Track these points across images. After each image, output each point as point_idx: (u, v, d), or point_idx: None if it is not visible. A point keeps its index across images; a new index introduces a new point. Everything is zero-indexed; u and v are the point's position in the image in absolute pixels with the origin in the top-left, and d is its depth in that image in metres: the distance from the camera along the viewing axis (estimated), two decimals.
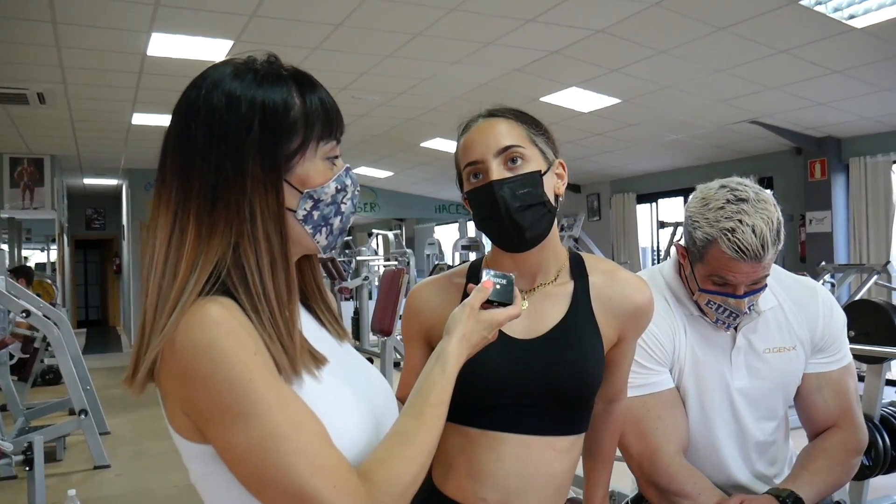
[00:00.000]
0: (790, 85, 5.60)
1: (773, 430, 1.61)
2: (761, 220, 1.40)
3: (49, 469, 4.29)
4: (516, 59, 5.37)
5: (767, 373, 1.57)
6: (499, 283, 1.02)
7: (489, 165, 1.15)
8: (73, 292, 14.19)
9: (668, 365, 1.56)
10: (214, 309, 0.79)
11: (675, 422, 1.53)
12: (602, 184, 10.32)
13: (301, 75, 0.92)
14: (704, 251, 1.46)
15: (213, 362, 0.77)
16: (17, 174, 9.17)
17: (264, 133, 0.85)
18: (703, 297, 1.51)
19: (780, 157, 7.52)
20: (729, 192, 1.45)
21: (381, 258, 11.16)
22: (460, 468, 1.19)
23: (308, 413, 0.81)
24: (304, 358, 0.86)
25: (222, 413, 0.77)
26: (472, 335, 0.98)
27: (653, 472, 1.50)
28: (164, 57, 5.24)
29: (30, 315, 4.60)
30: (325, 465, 0.78)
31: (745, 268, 1.41)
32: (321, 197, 0.89)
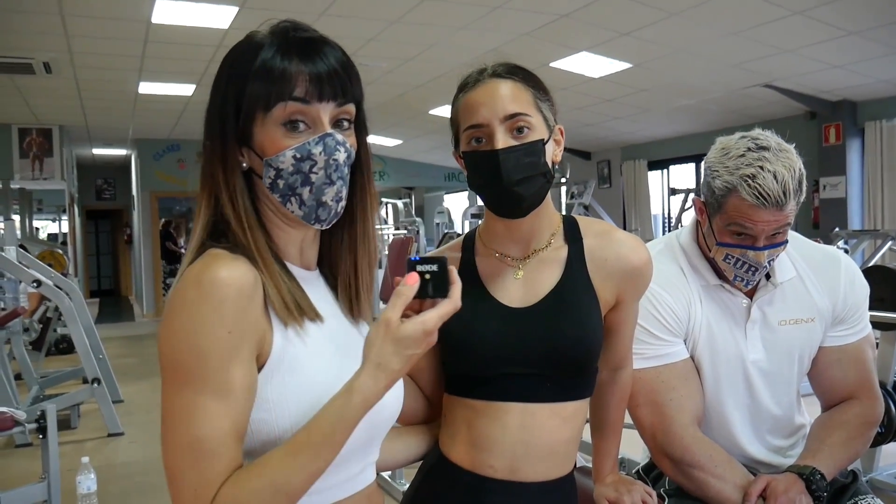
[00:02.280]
0: (805, 47, 5.49)
1: (788, 404, 1.58)
2: (783, 166, 1.36)
3: (63, 437, 4.35)
4: (525, 23, 5.28)
5: (783, 345, 1.53)
6: (428, 271, 0.86)
7: (494, 131, 1.12)
8: (86, 262, 14.29)
9: (683, 336, 1.52)
10: (224, 269, 0.83)
11: (690, 393, 1.50)
12: (613, 150, 10.22)
13: (275, 36, 0.91)
14: (724, 200, 1.41)
15: (188, 322, 0.81)
16: (27, 144, 9.18)
17: (221, 106, 0.90)
18: (720, 251, 1.45)
19: (793, 122, 7.40)
20: (750, 141, 1.41)
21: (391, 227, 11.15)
22: (467, 438, 1.19)
23: (236, 411, 0.82)
24: (293, 305, 0.89)
25: (170, 367, 0.82)
26: (389, 361, 0.83)
27: (666, 443, 1.48)
28: (169, 24, 5.19)
29: (41, 285, 4.62)
30: (205, 467, 0.80)
31: (766, 215, 1.36)
32: (278, 166, 0.89)
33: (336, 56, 0.91)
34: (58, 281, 5.10)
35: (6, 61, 5.99)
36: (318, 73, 0.88)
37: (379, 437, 1.00)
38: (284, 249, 0.96)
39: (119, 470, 4.16)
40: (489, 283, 1.22)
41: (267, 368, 0.86)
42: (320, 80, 0.88)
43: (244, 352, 0.83)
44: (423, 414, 1.31)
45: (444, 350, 1.22)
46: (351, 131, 0.94)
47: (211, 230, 0.91)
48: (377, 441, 1.00)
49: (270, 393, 0.85)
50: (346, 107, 0.92)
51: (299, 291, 0.92)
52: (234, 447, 0.82)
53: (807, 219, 7.33)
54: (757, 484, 1.41)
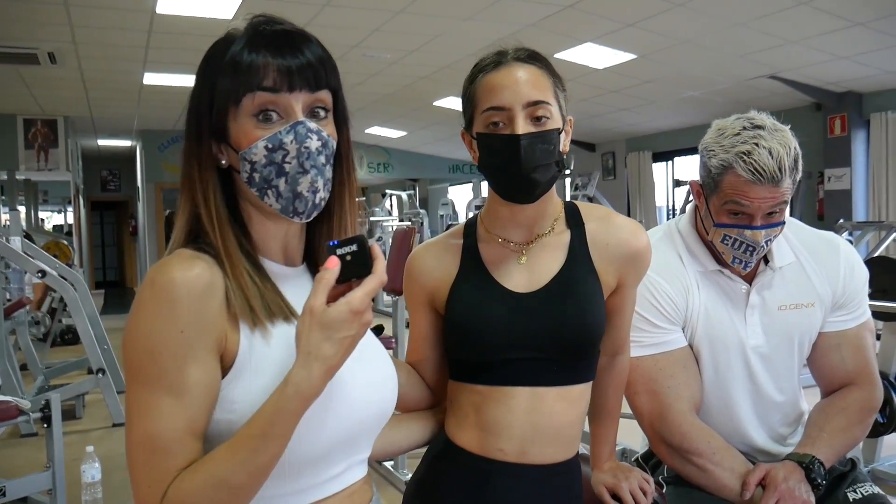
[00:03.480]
0: (810, 38, 5.46)
1: (790, 390, 1.58)
2: (778, 143, 1.37)
3: (68, 426, 4.37)
4: (530, 13, 5.26)
5: (783, 331, 1.53)
6: (347, 253, 0.83)
7: (515, 116, 1.12)
8: (91, 253, 14.32)
9: (681, 323, 1.53)
10: (178, 270, 0.84)
11: (688, 381, 1.51)
12: (617, 142, 10.20)
13: (246, 31, 0.90)
14: (720, 178, 1.41)
15: (143, 322, 0.82)
16: (31, 135, 9.19)
17: (197, 103, 0.91)
18: (718, 232, 1.45)
19: (799, 113, 7.37)
20: (745, 121, 1.42)
21: (395, 218, 11.14)
22: (475, 423, 1.20)
23: (191, 409, 0.82)
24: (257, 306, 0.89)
25: (129, 366, 0.84)
26: (320, 348, 0.79)
27: (664, 430, 1.48)
28: (173, 14, 5.18)
29: (46, 275, 4.64)
30: (158, 463, 0.81)
31: (762, 192, 1.37)
32: (252, 158, 0.88)
33: (309, 47, 0.90)
34: (63, 271, 5.12)
35: (11, 51, 5.99)
36: (288, 63, 0.87)
37: (365, 435, 0.98)
38: (265, 246, 0.95)
39: (123, 460, 4.14)
40: (493, 268, 1.22)
41: (234, 370, 0.86)
42: (290, 70, 0.87)
43: (200, 351, 0.83)
44: (425, 401, 1.32)
45: (449, 336, 1.23)
46: (328, 120, 0.93)
47: (189, 230, 0.91)
48: (363, 440, 0.98)
49: (236, 394, 0.85)
50: (320, 93, 0.90)
51: (271, 292, 0.91)
52: (190, 444, 0.82)
53: (811, 210, 7.31)
54: (756, 472, 1.41)
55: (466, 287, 1.22)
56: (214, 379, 0.84)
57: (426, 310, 1.28)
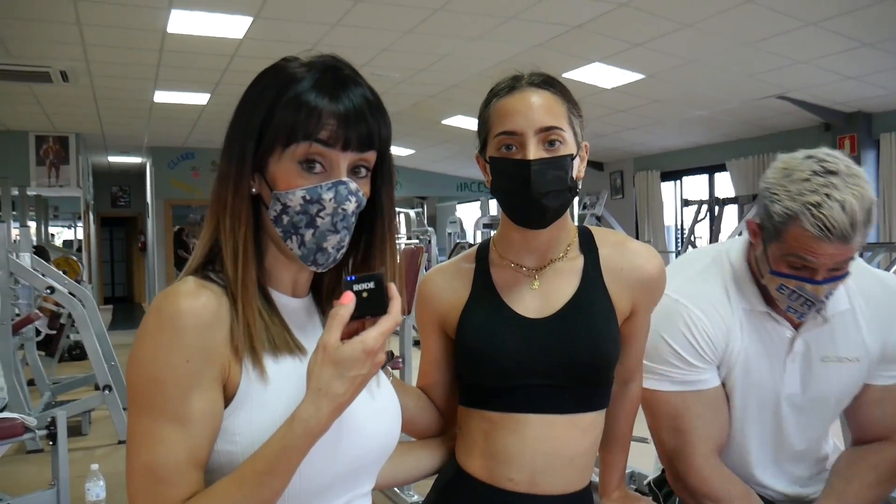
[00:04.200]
0: (819, 58, 5.45)
1: (815, 439, 1.50)
2: (852, 195, 1.21)
3: (74, 443, 4.37)
4: (538, 34, 5.28)
5: (823, 384, 1.43)
6: (364, 289, 0.82)
7: (527, 141, 1.11)
8: (100, 269, 14.38)
9: (717, 362, 1.42)
10: (185, 299, 0.83)
11: (715, 422, 1.43)
12: (625, 161, 10.19)
13: (313, 69, 0.89)
14: (783, 228, 1.27)
15: (148, 350, 0.82)
16: (43, 152, 9.27)
17: (242, 134, 0.89)
18: (774, 280, 1.33)
19: (808, 134, 7.35)
20: (816, 163, 1.26)
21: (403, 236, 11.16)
22: (485, 451, 1.18)
23: (193, 439, 0.81)
24: (262, 340, 0.88)
25: (132, 393, 0.83)
26: (330, 385, 0.79)
27: (685, 471, 1.42)
28: (183, 34, 5.23)
29: (54, 291, 4.65)
30: (159, 493, 0.80)
31: (830, 249, 1.22)
32: (287, 202, 0.87)
33: (369, 104, 0.89)
34: (71, 288, 5.14)
35: (24, 69, 6.06)
36: (347, 117, 0.86)
37: (366, 469, 0.97)
38: (276, 277, 0.95)
39: None
40: (505, 293, 1.21)
41: (235, 401, 0.85)
42: (347, 127, 0.86)
43: (204, 380, 0.82)
44: (435, 426, 1.30)
45: (460, 362, 1.22)
46: (367, 179, 0.92)
47: (209, 255, 0.90)
48: (365, 474, 0.97)
49: (236, 425, 0.84)
50: (367, 154, 0.90)
51: (278, 327, 0.90)
52: (191, 475, 0.81)
53: None
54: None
55: (477, 312, 1.21)
56: (218, 409, 0.84)
57: (437, 334, 1.27)
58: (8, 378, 3.80)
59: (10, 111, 8.00)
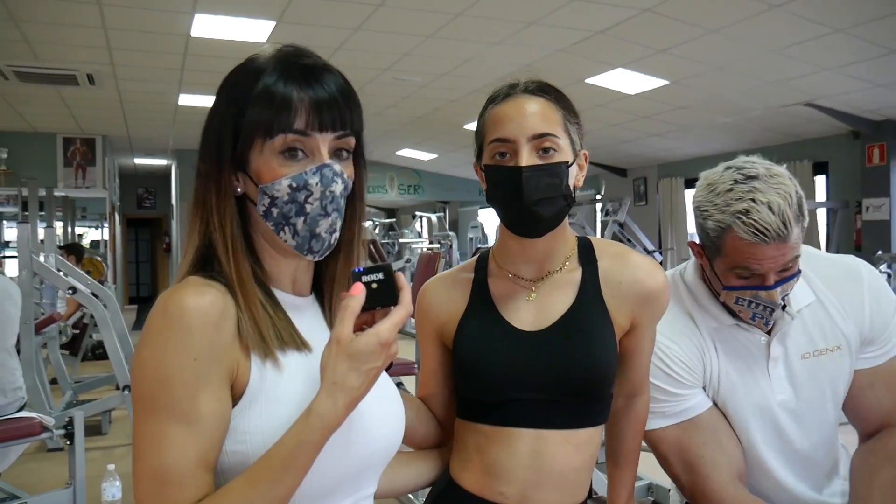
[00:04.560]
0: (847, 65, 5.36)
1: (824, 441, 1.45)
2: (777, 195, 1.22)
3: (93, 442, 4.41)
4: (560, 39, 5.25)
5: (811, 381, 1.40)
6: (374, 280, 0.82)
7: (519, 148, 1.10)
8: (125, 269, 14.54)
9: (700, 384, 1.41)
10: (191, 297, 0.81)
11: (722, 446, 1.39)
12: (649, 168, 10.10)
13: (277, 61, 0.89)
14: (720, 242, 1.28)
15: (154, 350, 0.80)
16: (71, 154, 9.42)
17: (219, 128, 0.89)
18: (730, 295, 1.33)
19: (836, 142, 7.24)
20: (735, 172, 1.28)
21: (425, 241, 11.16)
22: (477, 464, 1.16)
23: (203, 440, 0.80)
24: (269, 335, 0.87)
25: (138, 395, 0.81)
26: (346, 378, 0.78)
27: (706, 502, 1.38)
28: (207, 38, 5.28)
29: (76, 292, 4.70)
30: (169, 495, 0.79)
31: (770, 251, 1.23)
32: (274, 194, 0.86)
33: (338, 85, 0.89)
34: (94, 288, 5.19)
35: (52, 72, 6.15)
36: (319, 102, 0.86)
37: (372, 470, 0.96)
38: (275, 276, 0.94)
39: None
40: (501, 305, 1.19)
41: (244, 399, 0.84)
42: (320, 110, 0.86)
43: (213, 379, 0.81)
44: (434, 437, 1.28)
45: (456, 374, 1.20)
46: (349, 162, 0.92)
47: (200, 257, 0.90)
48: (371, 474, 0.96)
49: (247, 424, 0.83)
50: (347, 139, 0.90)
51: (283, 322, 0.90)
52: (201, 476, 0.80)
53: (849, 241, 7.15)
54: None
55: (473, 323, 1.19)
56: (226, 408, 0.82)
57: (435, 344, 1.25)
58: (29, 377, 3.84)
59: (39, 113, 8.12)
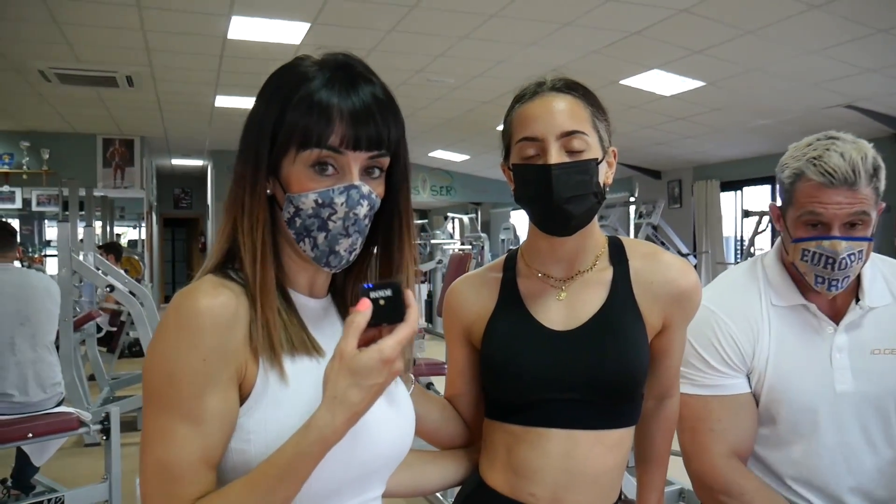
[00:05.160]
0: (889, 67, 5.25)
1: (885, 443, 1.41)
2: (853, 148, 1.31)
3: (128, 438, 4.47)
4: (594, 40, 5.22)
5: (879, 377, 1.38)
6: (381, 297, 0.82)
7: (548, 146, 1.09)
8: (161, 269, 14.77)
9: (745, 370, 1.42)
10: (204, 298, 0.83)
11: (735, 427, 1.42)
12: (684, 170, 9.99)
13: (323, 68, 0.88)
14: (793, 189, 1.36)
15: (165, 347, 0.82)
16: (110, 154, 9.60)
17: (258, 130, 0.90)
18: (797, 249, 1.36)
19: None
20: (820, 135, 1.38)
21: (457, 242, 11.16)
22: (507, 464, 1.16)
23: (207, 438, 0.81)
24: (280, 340, 0.87)
25: (148, 391, 0.83)
26: (346, 394, 0.78)
27: (700, 469, 1.42)
28: (243, 40, 5.34)
29: (114, 290, 4.79)
30: (171, 491, 0.80)
31: (836, 196, 1.29)
32: (299, 205, 0.87)
33: (379, 101, 0.88)
34: (132, 287, 5.28)
35: (92, 74, 6.28)
36: (357, 118, 0.86)
37: (378, 473, 0.96)
38: (293, 278, 0.95)
39: None
40: (531, 304, 1.18)
41: (250, 399, 0.85)
42: (357, 127, 0.86)
43: (220, 380, 0.82)
44: (460, 437, 1.28)
45: (484, 373, 1.20)
46: (380, 180, 0.92)
47: (225, 256, 0.91)
48: (377, 477, 0.97)
49: (252, 424, 0.84)
50: (380, 159, 0.90)
51: (296, 327, 0.90)
52: (204, 473, 0.81)
53: (889, 246, 6.99)
54: None
55: (502, 322, 1.18)
56: (233, 409, 0.84)
57: (463, 344, 1.25)
58: (67, 373, 3.93)
59: (79, 114, 8.29)
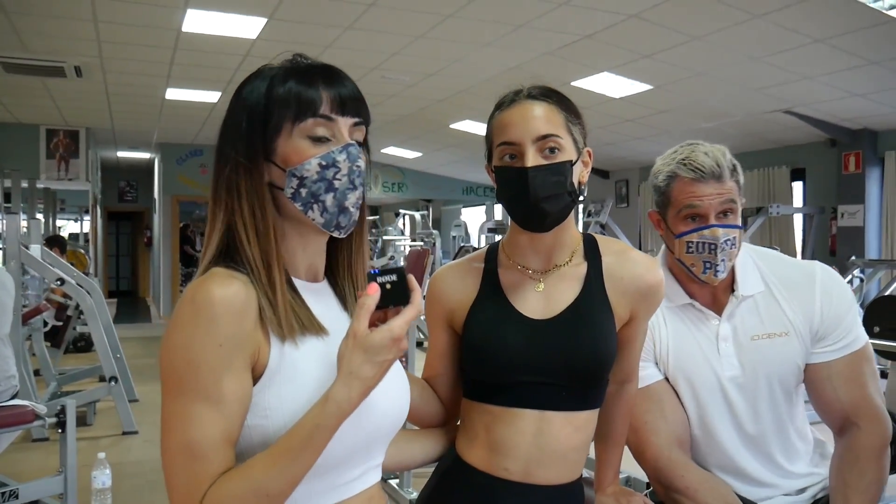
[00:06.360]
0: (826, 75, 5.51)
1: (774, 421, 1.55)
2: (714, 148, 1.51)
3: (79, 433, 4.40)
4: (548, 42, 5.34)
5: (759, 361, 1.53)
6: (388, 281, 0.90)
7: (525, 150, 1.18)
8: (105, 263, 14.45)
9: (652, 359, 1.56)
10: (218, 288, 0.88)
11: (665, 415, 1.53)
12: (631, 170, 10.24)
13: (299, 67, 0.98)
14: (669, 189, 1.52)
15: (183, 336, 0.88)
16: (53, 145, 9.36)
17: (248, 123, 0.96)
18: (681, 244, 1.51)
19: (814, 149, 7.40)
20: (682, 144, 1.56)
21: (408, 238, 11.21)
22: (484, 441, 1.24)
23: (226, 418, 0.87)
24: (289, 321, 0.94)
25: (167, 377, 0.89)
26: (360, 369, 0.87)
27: (646, 466, 1.52)
28: (198, 33, 5.30)
29: (64, 283, 4.72)
30: (196, 469, 0.86)
31: (707, 188, 1.46)
32: (304, 174, 0.94)
33: (351, 82, 0.99)
34: (80, 280, 5.20)
35: (39, 64, 6.13)
36: (340, 94, 0.96)
37: (380, 442, 1.04)
38: (292, 264, 1.01)
39: (132, 468, 4.22)
40: (511, 294, 1.27)
41: (264, 378, 0.91)
42: (342, 99, 0.96)
43: (236, 363, 0.88)
44: (437, 416, 1.36)
45: (465, 357, 1.28)
46: (362, 151, 1.00)
47: (223, 246, 0.96)
48: (379, 445, 1.04)
49: (268, 400, 0.90)
50: (362, 127, 1.00)
51: (302, 308, 0.97)
52: (225, 451, 0.87)
53: (824, 246, 7.31)
54: None
55: (484, 310, 1.27)
56: (247, 391, 0.90)
57: (445, 329, 1.33)
58: (18, 367, 3.86)
59: (23, 104, 8.07)
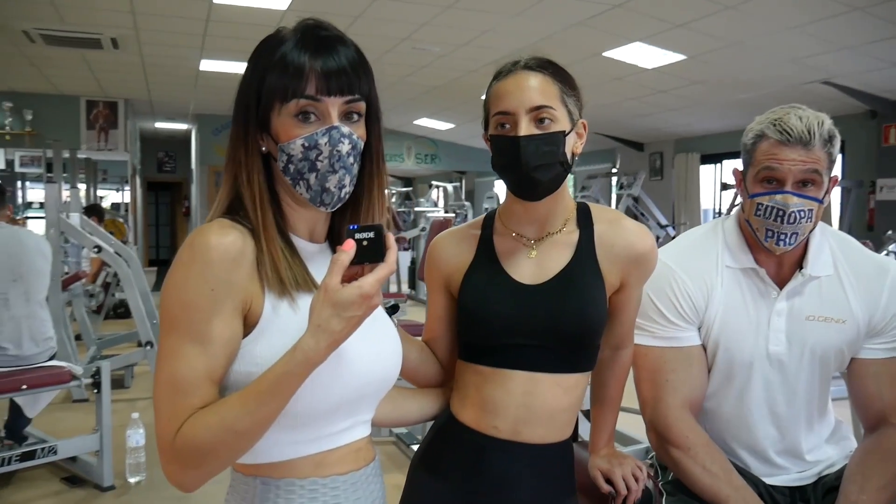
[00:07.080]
0: (865, 45, 5.36)
1: (806, 404, 1.55)
2: (811, 114, 1.43)
3: (117, 395, 4.59)
4: (579, 12, 5.29)
5: (807, 341, 1.51)
6: (364, 238, 0.90)
7: (519, 120, 1.21)
8: (145, 232, 14.74)
9: (697, 323, 1.55)
10: (215, 235, 0.94)
11: (689, 377, 1.54)
12: (665, 142, 10.12)
13: (296, 32, 1.00)
14: (754, 148, 1.47)
15: (179, 278, 0.94)
16: (93, 116, 9.56)
17: (246, 93, 1.01)
18: (752, 204, 1.46)
19: (853, 121, 7.23)
20: (784, 105, 1.49)
21: (441, 210, 11.24)
22: (475, 401, 1.29)
23: (211, 358, 0.93)
24: (284, 276, 0.99)
25: (163, 315, 0.95)
26: (329, 323, 0.88)
27: (654, 418, 1.54)
28: (230, 4, 5.36)
29: (101, 251, 4.85)
30: (178, 401, 0.91)
31: (791, 153, 1.41)
32: (290, 152, 0.99)
33: (348, 54, 1.00)
34: (118, 248, 5.34)
35: (77, 36, 6.26)
36: (328, 70, 0.98)
37: (369, 397, 1.09)
38: (295, 225, 1.06)
39: None
40: (504, 260, 1.31)
41: (258, 329, 0.96)
42: (330, 77, 0.98)
43: (226, 308, 0.93)
44: (436, 377, 1.42)
45: (460, 320, 1.33)
46: (360, 123, 1.03)
47: (229, 206, 1.02)
48: (368, 401, 1.09)
49: (259, 350, 0.96)
50: (356, 104, 1.01)
51: (298, 265, 1.02)
52: (206, 388, 0.93)
53: (861, 220, 7.17)
54: None
55: (478, 275, 1.31)
56: (236, 335, 0.95)
57: (442, 292, 1.38)
58: (57, 331, 4.01)
59: (63, 76, 8.26)
